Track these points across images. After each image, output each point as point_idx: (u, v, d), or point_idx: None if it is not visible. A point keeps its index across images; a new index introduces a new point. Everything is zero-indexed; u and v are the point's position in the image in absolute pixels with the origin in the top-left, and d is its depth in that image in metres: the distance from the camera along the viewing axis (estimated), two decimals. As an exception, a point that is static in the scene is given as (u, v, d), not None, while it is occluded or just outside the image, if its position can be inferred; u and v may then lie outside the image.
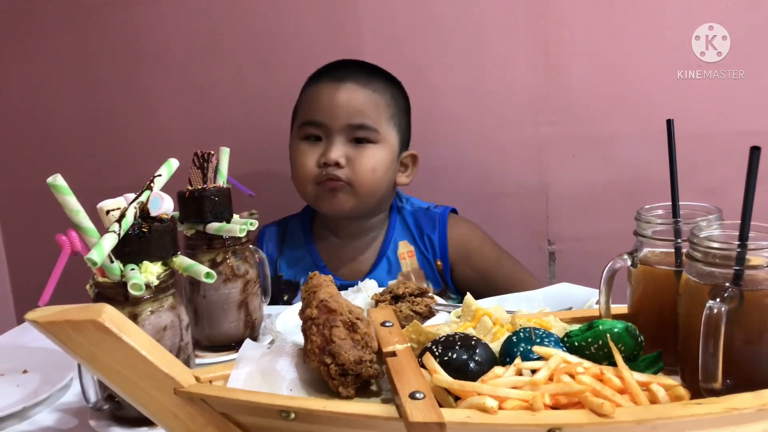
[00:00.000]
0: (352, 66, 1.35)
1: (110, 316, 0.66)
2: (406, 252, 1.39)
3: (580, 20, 1.48)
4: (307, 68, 1.55)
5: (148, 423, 0.77)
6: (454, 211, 1.44)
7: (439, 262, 1.39)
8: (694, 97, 1.46)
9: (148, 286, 0.78)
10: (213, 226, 0.97)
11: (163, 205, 0.82)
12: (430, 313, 1.02)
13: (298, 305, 0.87)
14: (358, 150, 1.29)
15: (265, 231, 1.45)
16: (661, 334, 0.76)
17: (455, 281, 1.41)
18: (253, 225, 0.97)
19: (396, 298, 1.05)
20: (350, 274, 1.37)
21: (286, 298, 1.38)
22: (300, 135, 1.33)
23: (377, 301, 1.05)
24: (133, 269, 0.78)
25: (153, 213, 0.81)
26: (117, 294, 0.78)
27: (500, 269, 1.40)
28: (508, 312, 0.86)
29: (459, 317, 0.91)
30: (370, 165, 1.29)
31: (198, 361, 0.97)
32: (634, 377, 0.66)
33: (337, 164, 1.28)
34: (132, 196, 0.82)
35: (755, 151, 0.64)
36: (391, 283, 1.09)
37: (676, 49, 1.44)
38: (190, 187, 1.00)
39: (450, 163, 1.41)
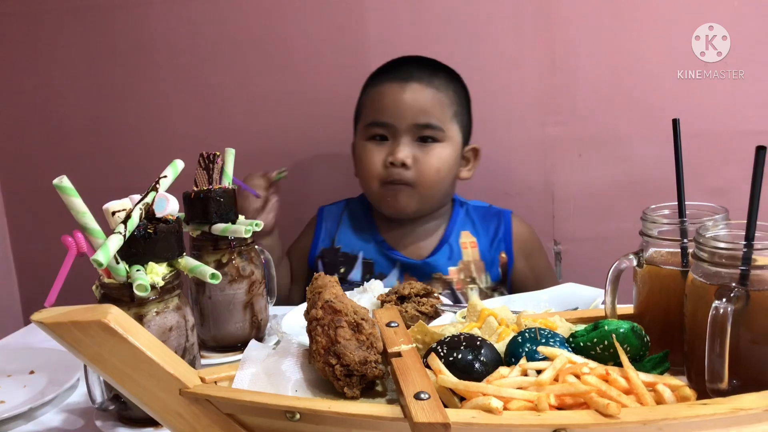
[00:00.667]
0: (414, 64, 1.36)
1: (116, 317, 0.66)
2: (468, 242, 1.40)
3: (585, 21, 1.48)
4: (312, 69, 1.56)
5: (154, 423, 0.77)
6: None
7: (503, 255, 1.41)
8: (699, 96, 1.46)
9: (153, 287, 0.78)
10: (218, 227, 0.97)
11: (169, 207, 0.82)
12: (436, 314, 1.02)
13: (303, 306, 0.87)
14: (424, 150, 1.31)
15: (324, 209, 1.47)
16: (667, 334, 0.75)
17: (511, 278, 1.43)
18: (259, 226, 0.97)
19: (401, 299, 1.05)
20: (409, 253, 1.38)
21: (342, 270, 1.38)
22: (366, 135, 1.34)
23: (383, 302, 1.05)
24: (138, 270, 0.78)
25: (158, 214, 0.81)
26: (123, 295, 0.78)
27: (550, 276, 1.43)
28: (514, 312, 0.86)
29: (464, 317, 0.90)
30: (436, 165, 1.31)
31: (204, 361, 0.97)
32: (640, 378, 0.66)
33: (404, 165, 1.29)
34: (138, 197, 0.82)
35: (761, 150, 0.63)
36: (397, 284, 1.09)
37: (676, 49, 1.44)
38: (195, 188, 1.00)
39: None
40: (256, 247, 1.03)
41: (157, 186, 0.83)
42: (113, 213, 0.79)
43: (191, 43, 1.59)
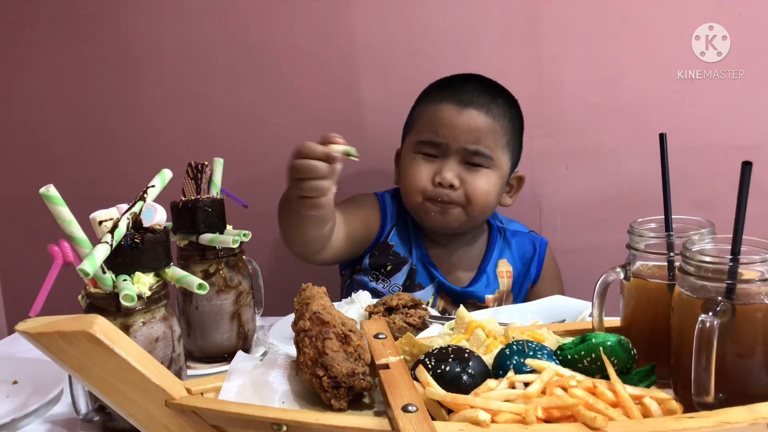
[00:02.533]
0: (475, 86, 1.35)
1: (102, 327, 0.66)
2: (505, 271, 1.41)
3: (574, 32, 1.49)
4: (300, 79, 1.56)
5: (139, 435, 0.76)
6: None
7: (531, 285, 1.44)
8: (687, 110, 1.47)
9: (140, 297, 0.78)
10: (206, 237, 0.97)
11: (156, 216, 0.82)
12: (424, 325, 1.02)
13: (290, 316, 0.87)
14: (471, 173, 1.31)
15: (384, 197, 1.43)
16: (653, 347, 0.76)
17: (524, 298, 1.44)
18: (246, 236, 0.97)
19: (389, 310, 1.04)
20: (448, 274, 1.39)
21: (389, 268, 1.37)
22: (415, 149, 1.34)
23: (371, 313, 1.04)
24: (125, 280, 0.78)
25: (146, 224, 0.81)
26: (109, 305, 0.78)
27: None
28: (501, 324, 0.86)
29: (452, 329, 0.90)
30: (484, 189, 1.31)
31: (190, 372, 0.97)
32: (627, 390, 0.66)
33: (452, 186, 1.30)
34: (125, 206, 0.81)
35: (746, 166, 0.64)
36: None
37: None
38: (183, 198, 0.99)
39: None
40: (244, 257, 1.03)
41: (145, 195, 0.82)
42: (100, 222, 0.79)
43: (180, 52, 1.59)
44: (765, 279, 0.66)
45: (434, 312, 1.07)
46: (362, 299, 1.11)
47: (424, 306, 1.07)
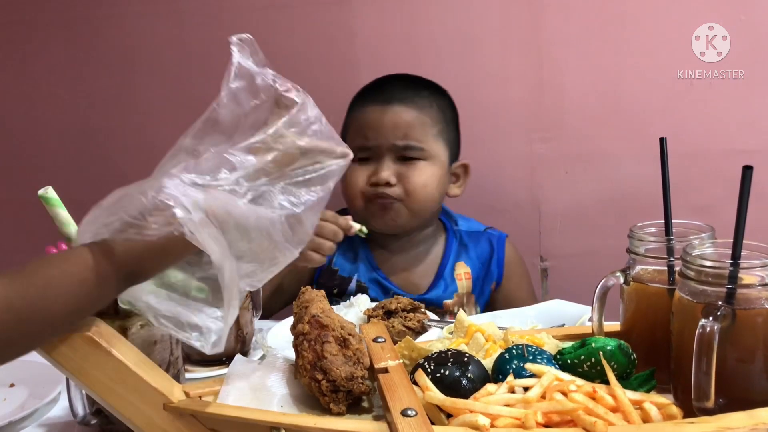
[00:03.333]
0: (397, 84, 1.36)
1: (100, 330, 0.66)
2: (463, 273, 1.40)
3: (574, 36, 1.49)
4: (300, 81, 1.55)
5: (137, 438, 0.76)
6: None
7: (494, 285, 1.42)
8: (687, 115, 1.47)
9: (138, 299, 0.77)
10: (205, 240, 0.96)
11: (155, 219, 0.81)
12: (423, 329, 1.02)
13: (289, 320, 0.86)
14: (407, 167, 1.31)
15: None
16: (653, 352, 0.76)
17: (490, 300, 1.42)
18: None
19: (388, 314, 1.04)
20: (405, 285, 1.37)
21: (335, 292, 1.37)
22: None
23: (370, 317, 1.04)
24: (123, 282, 0.77)
25: (145, 226, 0.81)
26: (107, 307, 0.77)
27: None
28: (501, 328, 0.86)
29: (451, 333, 0.90)
30: (422, 181, 1.31)
31: (188, 375, 0.96)
32: (627, 395, 0.66)
33: (388, 183, 1.30)
34: (124, 209, 0.81)
35: (747, 170, 0.64)
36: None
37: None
38: (182, 201, 0.99)
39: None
40: (243, 260, 1.02)
41: (144, 197, 0.82)
42: (99, 225, 0.78)
43: (180, 55, 1.59)
44: (765, 284, 0.65)
45: (433, 316, 1.07)
46: (361, 303, 1.10)
47: (423, 310, 1.06)
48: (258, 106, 0.71)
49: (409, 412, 0.62)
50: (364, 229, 1.24)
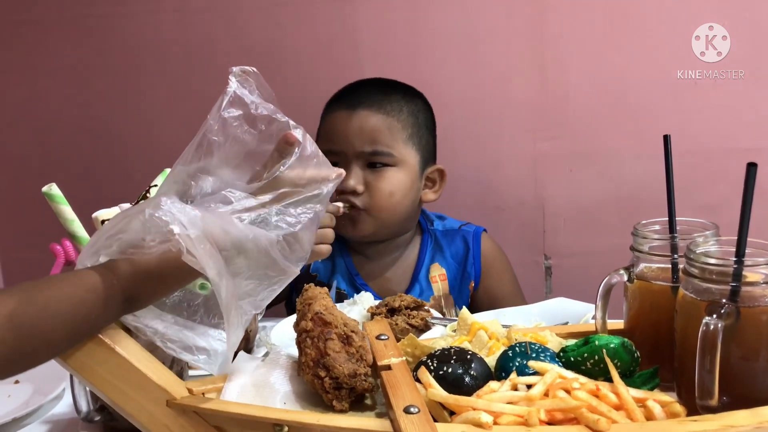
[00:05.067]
0: (366, 89, 1.34)
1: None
2: (438, 275, 1.38)
3: (577, 35, 1.49)
4: (303, 81, 1.56)
5: (141, 435, 0.76)
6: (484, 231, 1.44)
7: (473, 284, 1.39)
8: (690, 114, 1.47)
9: (142, 296, 0.77)
10: (208, 237, 0.96)
11: (159, 216, 0.81)
12: (426, 327, 1.01)
13: (293, 317, 0.86)
14: (375, 175, 1.29)
15: None
16: (657, 349, 0.75)
17: (471, 300, 1.40)
18: (249, 236, 0.96)
19: (392, 311, 1.04)
20: (382, 291, 1.35)
21: None
22: None
23: (373, 314, 1.04)
24: (127, 279, 0.77)
25: (148, 223, 0.81)
26: (111, 304, 0.77)
27: (508, 304, 1.36)
28: (504, 326, 0.86)
29: (455, 331, 0.90)
30: (388, 190, 1.28)
31: (192, 372, 0.96)
32: (630, 393, 0.66)
33: (355, 192, 1.28)
34: (127, 206, 0.81)
35: (752, 167, 0.64)
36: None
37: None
38: (186, 198, 0.99)
39: (447, 176, 1.41)
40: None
41: (147, 195, 0.82)
42: (102, 221, 0.79)
43: (183, 53, 1.59)
44: (770, 281, 0.65)
45: (437, 313, 1.07)
46: (365, 300, 1.10)
47: (426, 307, 1.06)
48: (255, 137, 0.72)
49: (412, 410, 0.61)
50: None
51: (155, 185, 0.84)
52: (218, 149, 0.71)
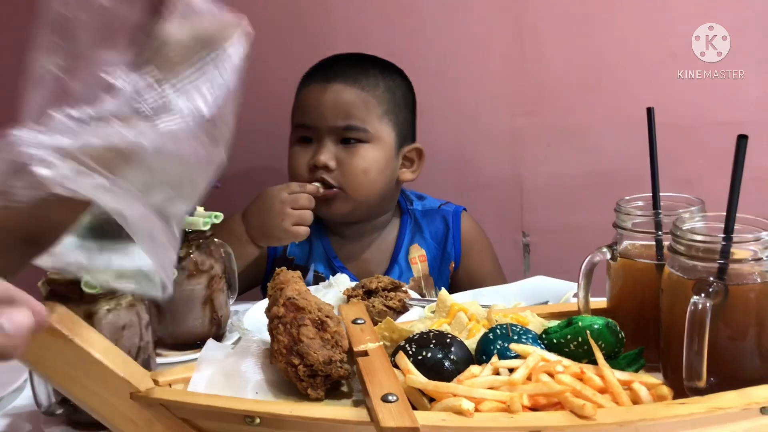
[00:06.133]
0: (342, 63, 1.30)
1: (61, 316, 0.62)
2: (417, 256, 1.35)
3: (555, 8, 1.46)
4: (275, 56, 1.51)
5: (106, 428, 0.72)
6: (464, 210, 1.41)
7: (452, 264, 1.36)
8: (672, 87, 1.45)
9: (104, 283, 0.74)
10: (175, 220, 0.92)
11: (121, 198, 0.77)
12: (404, 308, 0.99)
13: (266, 301, 0.83)
14: (348, 151, 1.25)
15: None
16: (641, 329, 0.73)
17: (452, 281, 1.37)
18: (218, 218, 0.93)
19: (369, 293, 1.01)
20: (361, 273, 1.30)
21: None
22: (294, 138, 1.30)
23: (349, 297, 1.01)
24: (87, 265, 0.73)
25: (109, 206, 0.77)
26: (71, 292, 0.73)
27: (489, 284, 1.32)
28: (483, 306, 0.83)
29: (433, 312, 0.88)
30: (361, 167, 1.25)
31: (162, 360, 0.93)
32: (616, 376, 0.64)
33: (327, 167, 1.24)
34: None
35: (742, 140, 0.61)
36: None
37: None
38: (151, 179, 0.95)
39: (425, 153, 1.38)
40: (216, 240, 0.98)
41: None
42: (60, 204, 0.74)
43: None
44: (758, 258, 0.63)
45: (415, 294, 1.04)
46: (341, 282, 1.07)
47: (404, 288, 1.03)
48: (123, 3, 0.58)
49: (390, 398, 0.59)
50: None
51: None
52: (81, 27, 0.57)
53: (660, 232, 0.75)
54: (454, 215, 1.37)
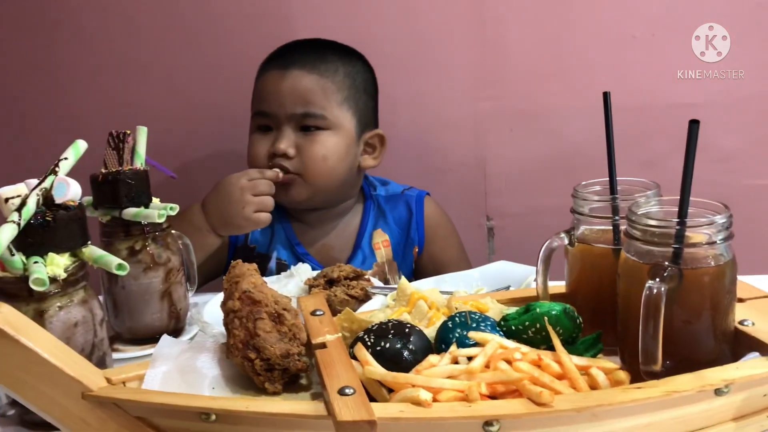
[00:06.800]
0: (301, 49, 1.28)
1: (6, 316, 0.60)
2: (381, 241, 1.34)
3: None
4: (232, 42, 1.48)
5: (60, 428, 0.71)
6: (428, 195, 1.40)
7: (416, 249, 1.35)
8: (631, 69, 1.45)
9: (54, 279, 0.72)
10: (130, 212, 0.90)
11: (69, 191, 0.75)
12: (367, 297, 0.98)
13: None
14: (307, 138, 1.24)
15: None
16: (599, 314, 0.74)
17: (417, 266, 1.37)
18: (174, 210, 0.91)
19: (330, 282, 1.00)
20: (325, 260, 1.31)
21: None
22: (253, 126, 1.29)
23: (311, 286, 1.00)
24: (36, 262, 0.71)
25: (58, 200, 0.74)
26: (20, 290, 0.71)
27: (453, 269, 1.32)
28: (445, 293, 0.83)
29: (395, 300, 0.87)
30: (320, 153, 1.23)
31: (119, 355, 0.91)
32: (574, 361, 0.64)
33: (285, 155, 1.23)
34: (34, 182, 0.75)
35: (694, 125, 0.61)
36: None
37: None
38: (104, 170, 0.92)
39: (387, 139, 1.36)
40: (173, 232, 0.96)
41: (57, 169, 0.75)
42: (6, 200, 0.72)
43: (100, 10, 1.49)
44: (712, 242, 0.64)
45: (378, 282, 1.04)
46: (302, 272, 1.06)
47: (366, 277, 1.03)
48: None
49: (347, 391, 0.58)
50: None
51: (65, 158, 0.77)
52: None
53: (617, 217, 0.75)
54: (417, 200, 1.37)
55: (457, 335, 0.68)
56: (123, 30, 1.49)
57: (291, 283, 1.03)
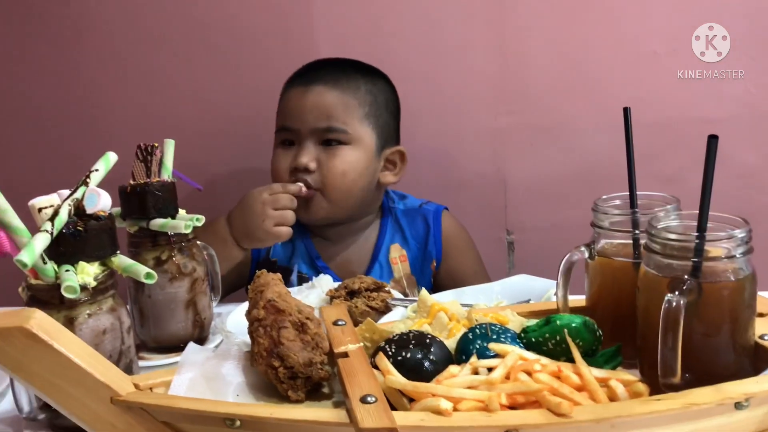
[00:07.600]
0: (324, 67, 1.31)
1: (39, 322, 0.62)
2: (398, 256, 1.35)
3: (537, 5, 1.47)
4: (257, 59, 1.51)
5: (87, 432, 0.73)
6: (446, 209, 1.41)
7: (434, 263, 1.36)
8: (652, 84, 1.46)
9: (84, 287, 0.74)
10: (157, 223, 0.92)
11: (100, 202, 0.77)
12: (387, 308, 0.99)
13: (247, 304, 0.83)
14: (328, 152, 1.26)
15: None
16: (619, 327, 0.74)
17: (435, 280, 1.38)
18: (200, 221, 0.93)
19: (351, 294, 1.02)
20: (343, 273, 1.31)
21: None
22: (277, 141, 1.32)
23: (332, 297, 1.01)
24: (68, 270, 0.73)
25: (89, 210, 0.77)
26: (52, 297, 0.73)
27: (471, 283, 1.32)
28: (465, 305, 0.84)
29: (415, 312, 0.88)
30: (341, 169, 1.26)
31: (145, 363, 0.93)
32: (593, 373, 0.64)
33: (307, 169, 1.25)
34: (66, 192, 0.77)
35: (713, 140, 0.62)
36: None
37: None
38: (132, 182, 0.95)
39: (408, 153, 1.38)
40: (198, 242, 0.98)
41: (88, 180, 0.78)
42: (40, 210, 0.75)
43: (129, 25, 1.52)
44: (731, 256, 0.64)
45: (398, 294, 1.05)
46: (323, 283, 1.07)
47: (387, 289, 1.04)
48: None
49: (369, 399, 0.59)
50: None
51: (96, 170, 0.80)
52: None
53: (637, 231, 0.75)
54: (435, 214, 1.38)
55: (477, 346, 0.69)
56: (153, 48, 1.52)
57: (312, 294, 1.05)
